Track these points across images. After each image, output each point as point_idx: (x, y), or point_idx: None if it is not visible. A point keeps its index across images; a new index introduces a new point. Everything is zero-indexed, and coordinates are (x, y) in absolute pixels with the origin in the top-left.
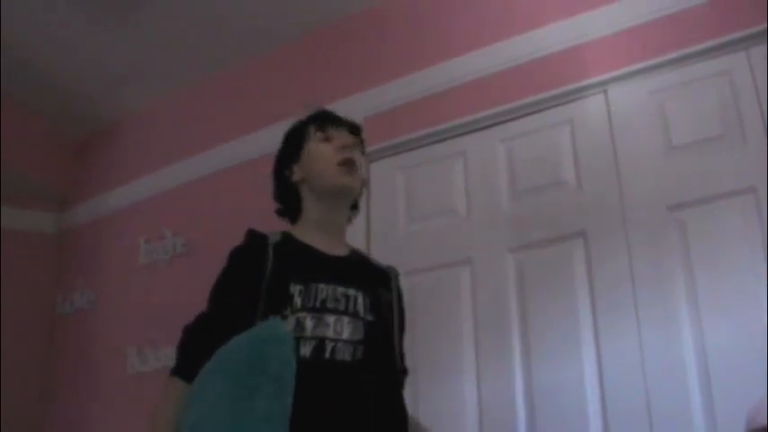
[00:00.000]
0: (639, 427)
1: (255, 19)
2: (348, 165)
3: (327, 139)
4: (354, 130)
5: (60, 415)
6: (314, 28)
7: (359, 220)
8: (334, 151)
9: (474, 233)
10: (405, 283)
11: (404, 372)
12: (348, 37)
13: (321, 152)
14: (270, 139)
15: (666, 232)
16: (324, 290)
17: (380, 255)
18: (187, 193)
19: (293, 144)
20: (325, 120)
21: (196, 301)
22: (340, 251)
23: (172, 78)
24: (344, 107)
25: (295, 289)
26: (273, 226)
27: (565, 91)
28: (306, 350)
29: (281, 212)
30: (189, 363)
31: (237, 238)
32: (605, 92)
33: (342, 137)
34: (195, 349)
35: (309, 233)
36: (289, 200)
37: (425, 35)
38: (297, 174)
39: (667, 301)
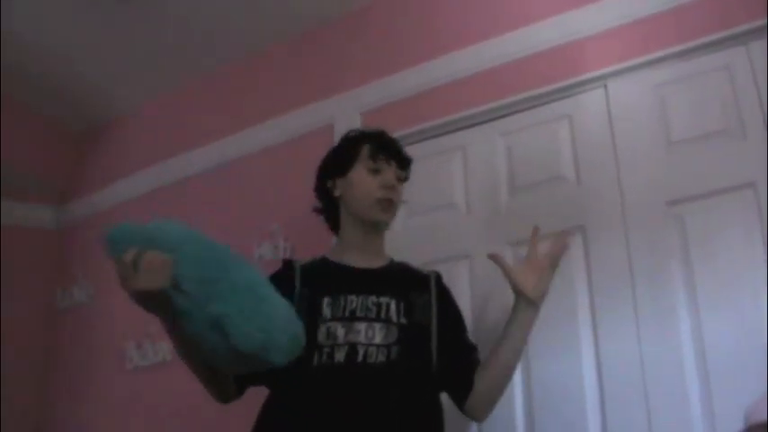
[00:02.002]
0: (637, 421)
1: (256, 15)
2: (386, 204)
3: (375, 171)
4: (404, 164)
5: (60, 409)
6: (313, 25)
7: None
8: (377, 187)
9: (473, 228)
10: None
11: (473, 348)
12: (347, 33)
13: (365, 184)
14: (269, 134)
15: (666, 227)
16: (354, 301)
17: None
18: (185, 189)
19: (343, 158)
20: (378, 149)
21: None
22: (376, 263)
23: (172, 73)
24: (343, 102)
25: (324, 302)
26: (274, 220)
27: (564, 85)
28: (340, 356)
29: (319, 211)
30: None
31: (237, 233)
32: (605, 86)
33: (388, 175)
34: None
35: (345, 252)
36: (328, 210)
37: (423, 30)
38: (338, 190)
39: (666, 296)
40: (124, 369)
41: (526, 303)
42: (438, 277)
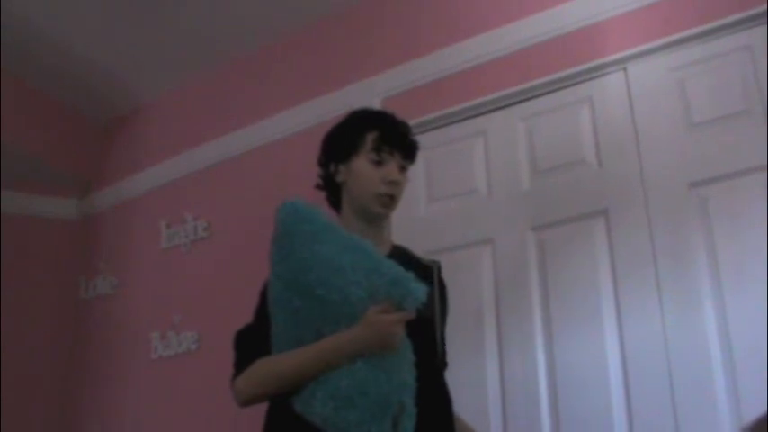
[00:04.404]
0: (662, 404)
1: (278, 2)
2: (386, 199)
3: (378, 163)
4: (409, 153)
5: (85, 400)
6: (334, 11)
7: None
8: (379, 180)
9: (495, 213)
10: None
11: (444, 364)
12: (368, 18)
13: (367, 175)
14: (290, 122)
15: (688, 210)
16: None
17: (401, 236)
18: (208, 178)
19: (346, 144)
20: (383, 140)
21: (218, 285)
22: (379, 250)
23: (194, 62)
24: (364, 88)
25: None
26: None
27: (585, 69)
28: None
29: (321, 188)
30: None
31: (258, 222)
32: (625, 69)
33: (392, 168)
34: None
35: None
36: (330, 191)
37: (443, 15)
38: (340, 176)
39: (689, 278)
40: (149, 359)
41: None
42: (439, 269)
